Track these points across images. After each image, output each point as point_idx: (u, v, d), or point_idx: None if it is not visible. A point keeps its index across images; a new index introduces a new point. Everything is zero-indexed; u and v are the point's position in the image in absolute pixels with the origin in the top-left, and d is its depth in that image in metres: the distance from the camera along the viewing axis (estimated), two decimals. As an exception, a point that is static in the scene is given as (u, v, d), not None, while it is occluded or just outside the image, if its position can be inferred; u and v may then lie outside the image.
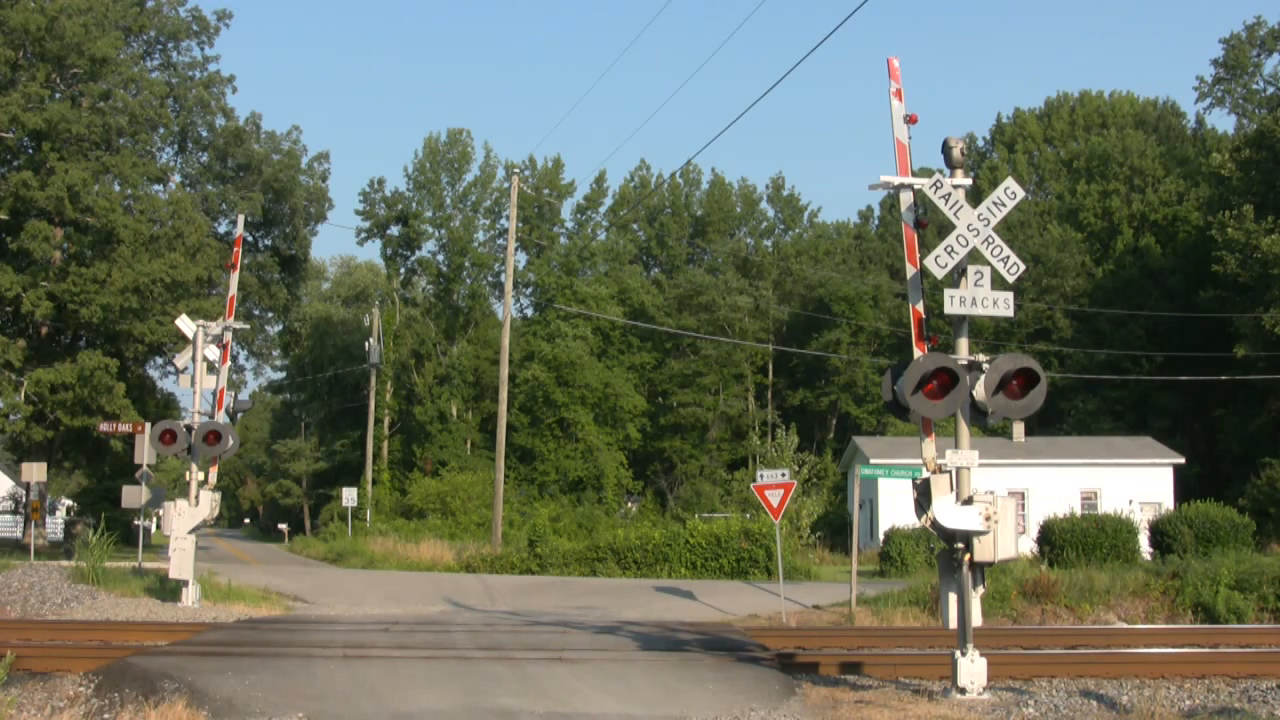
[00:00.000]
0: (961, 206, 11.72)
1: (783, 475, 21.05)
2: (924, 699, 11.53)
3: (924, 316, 11.77)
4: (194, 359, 21.26)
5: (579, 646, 14.77)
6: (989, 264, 11.83)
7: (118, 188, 43.18)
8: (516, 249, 52.68)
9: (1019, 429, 43.10)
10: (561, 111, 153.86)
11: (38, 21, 39.55)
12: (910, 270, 11.81)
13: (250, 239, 53.45)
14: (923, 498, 11.64)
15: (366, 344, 64.59)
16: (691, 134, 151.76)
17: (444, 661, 13.23)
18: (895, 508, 38.35)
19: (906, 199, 11.94)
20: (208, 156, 53.35)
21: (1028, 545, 29.30)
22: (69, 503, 58.91)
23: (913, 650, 14.81)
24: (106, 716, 10.57)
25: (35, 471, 32.51)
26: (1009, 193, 11.89)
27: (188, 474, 20.85)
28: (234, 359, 47.92)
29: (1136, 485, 43.39)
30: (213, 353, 21.11)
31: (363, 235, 73.77)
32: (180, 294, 41.50)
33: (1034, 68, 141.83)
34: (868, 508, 45.48)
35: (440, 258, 73.97)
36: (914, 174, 11.94)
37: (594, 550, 33.23)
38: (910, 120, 11.83)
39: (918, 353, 11.52)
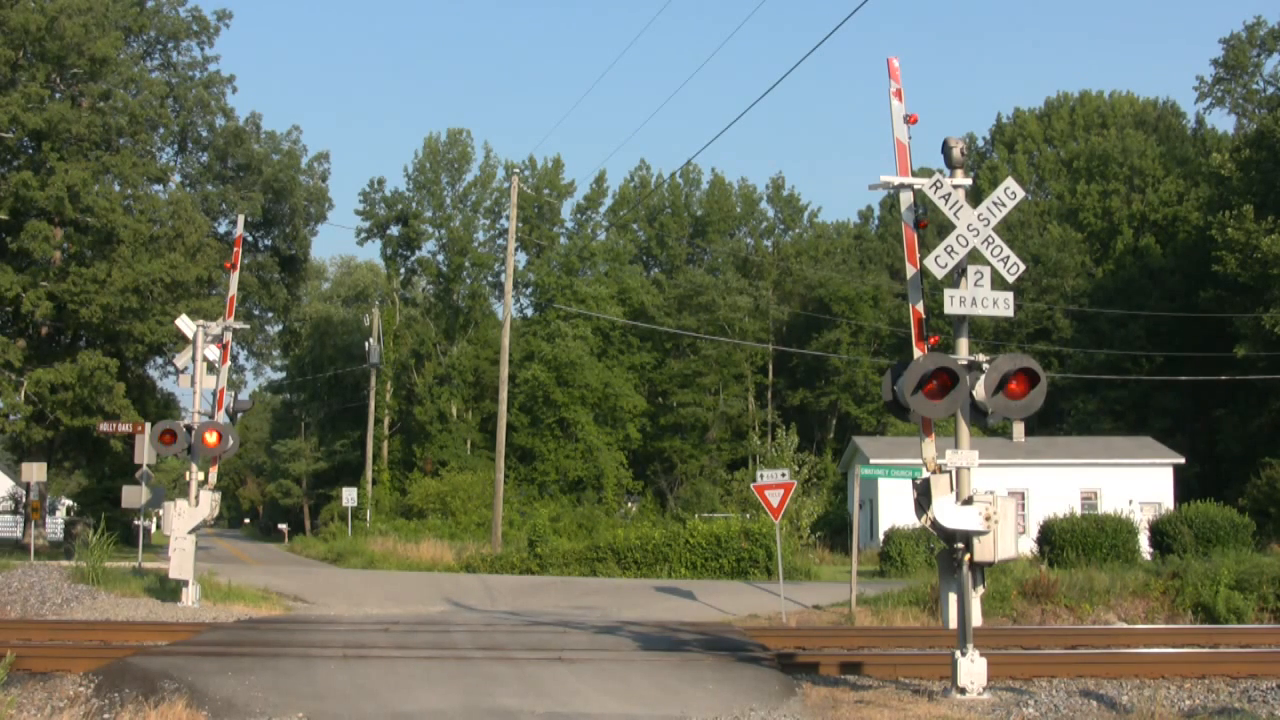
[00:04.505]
0: (961, 206, 11.72)
1: (783, 475, 21.05)
2: (924, 699, 11.53)
3: (924, 316, 11.78)
4: (194, 359, 21.25)
5: (579, 646, 14.77)
6: (989, 264, 11.83)
7: (118, 188, 43.14)
8: (516, 249, 52.68)
9: (1019, 429, 42.72)
10: (561, 111, 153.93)
11: (38, 21, 39.52)
12: (910, 270, 11.81)
13: (250, 239, 53.43)
14: (923, 498, 11.64)
15: (366, 344, 64.58)
16: (691, 134, 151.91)
17: (444, 661, 13.23)
18: (895, 508, 38.33)
19: (906, 199, 11.95)
20: (208, 156, 53.32)
21: (1028, 545, 29.30)
22: (69, 503, 58.90)
23: (913, 650, 14.81)
24: (106, 716, 10.57)
25: (35, 471, 32.50)
26: (1009, 193, 11.90)
27: (188, 474, 20.85)
28: (234, 359, 47.91)
29: (1136, 485, 43.36)
30: (213, 353, 21.10)
31: (363, 235, 73.88)
32: (180, 294, 41.48)
33: (1034, 68, 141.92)
34: (868, 508, 45.48)
35: (440, 258, 73.99)
36: (914, 174, 11.95)
37: (594, 550, 33.22)
38: (910, 120, 11.84)
39: (918, 353, 11.53)
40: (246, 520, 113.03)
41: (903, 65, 11.88)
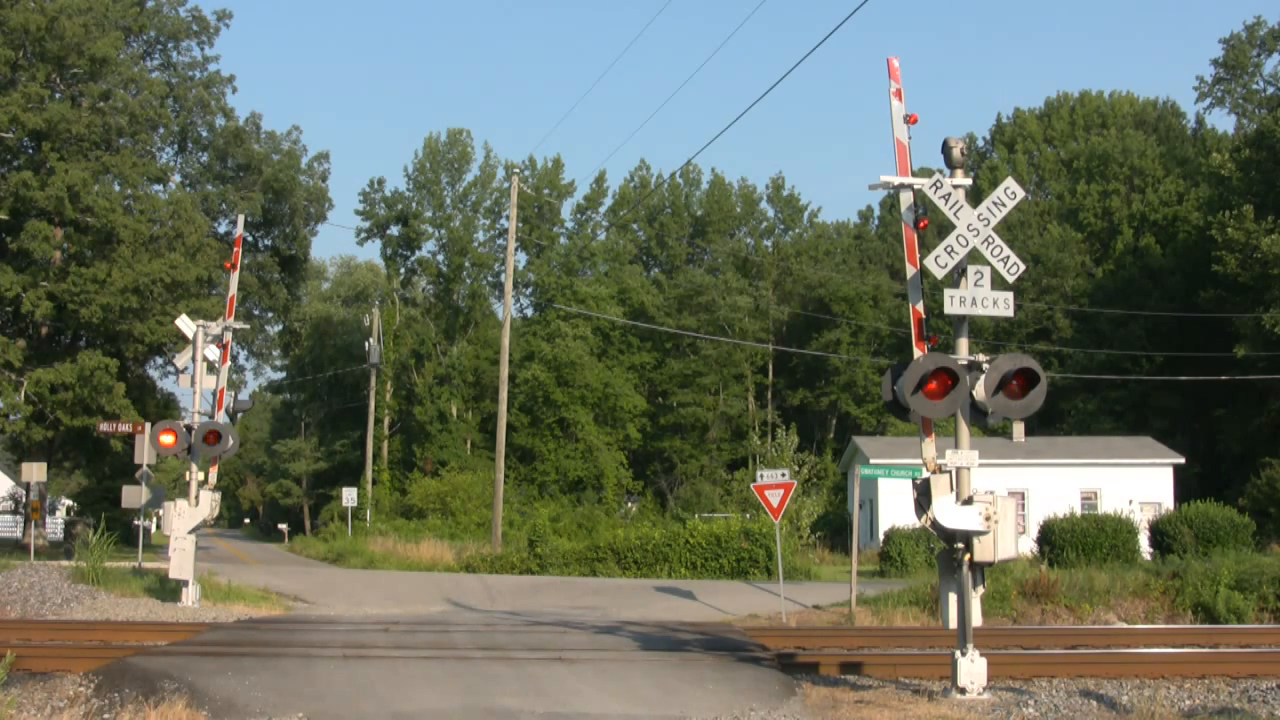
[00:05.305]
0: (961, 206, 11.72)
1: (783, 475, 21.04)
2: (924, 699, 11.53)
3: (924, 316, 11.77)
4: (194, 359, 21.25)
5: (579, 646, 14.77)
6: (989, 264, 11.83)
7: (118, 188, 43.12)
8: (516, 249, 52.68)
9: (1019, 429, 42.63)
10: (561, 111, 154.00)
11: (38, 21, 39.51)
12: (910, 270, 11.81)
13: (250, 239, 53.39)
14: (923, 498, 11.64)
15: (366, 344, 64.57)
16: (691, 134, 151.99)
17: (444, 661, 13.23)
18: (895, 508, 38.33)
19: (906, 199, 11.94)
20: (208, 156, 53.29)
21: (1028, 545, 29.31)
22: (69, 503, 58.90)
23: (913, 650, 14.81)
24: (106, 716, 10.58)
25: (35, 471, 32.51)
26: (1009, 193, 11.89)
27: (188, 474, 20.85)
28: (234, 359, 47.85)
29: (1136, 485, 43.37)
30: (213, 353, 21.10)
31: (363, 235, 73.90)
32: (180, 294, 41.45)
33: (1034, 68, 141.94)
34: (868, 508, 45.47)
35: (440, 258, 73.99)
36: (914, 174, 11.95)
37: (594, 550, 33.22)
38: (910, 120, 11.83)
39: (918, 353, 11.52)
40: (246, 520, 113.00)
41: (903, 65, 11.88)
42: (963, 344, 11.78)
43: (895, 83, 11.85)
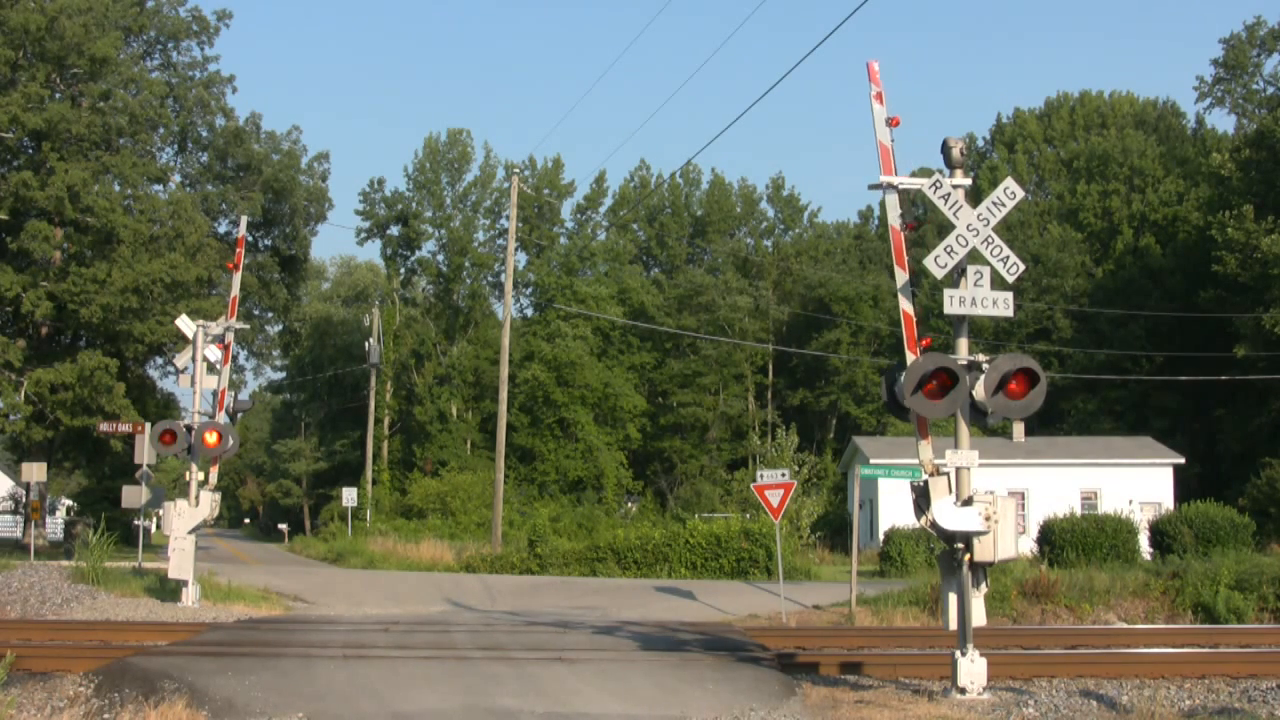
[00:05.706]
0: (961, 206, 11.72)
1: (783, 475, 21.04)
2: (924, 699, 11.53)
3: (915, 320, 11.78)
4: (194, 359, 21.25)
5: (579, 646, 14.77)
6: (989, 264, 11.83)
7: (118, 188, 43.12)
8: (516, 249, 52.68)
9: (1019, 429, 42.68)
10: (561, 111, 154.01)
11: (38, 21, 39.51)
12: (900, 276, 11.81)
13: (250, 239, 53.32)
14: (922, 499, 11.64)
15: (366, 344, 64.57)
16: (691, 134, 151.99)
17: (444, 661, 13.23)
18: (895, 508, 38.32)
19: (893, 204, 11.92)
20: (208, 156, 53.26)
21: (1028, 545, 29.31)
22: (69, 503, 58.88)
23: (913, 650, 14.81)
24: (106, 716, 10.58)
25: (35, 471, 32.52)
26: (1009, 193, 11.89)
27: (188, 474, 20.85)
28: (234, 359, 47.77)
29: (1136, 485, 43.36)
30: (213, 353, 21.09)
31: (363, 235, 73.91)
32: (180, 294, 41.44)
33: (1034, 68, 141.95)
34: (868, 508, 45.46)
35: (440, 258, 74.00)
36: (914, 174, 11.97)
37: (594, 550, 33.22)
38: (892, 123, 11.84)
39: (910, 356, 11.52)
40: (246, 520, 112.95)
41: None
42: (962, 344, 11.78)
43: (876, 86, 11.83)
